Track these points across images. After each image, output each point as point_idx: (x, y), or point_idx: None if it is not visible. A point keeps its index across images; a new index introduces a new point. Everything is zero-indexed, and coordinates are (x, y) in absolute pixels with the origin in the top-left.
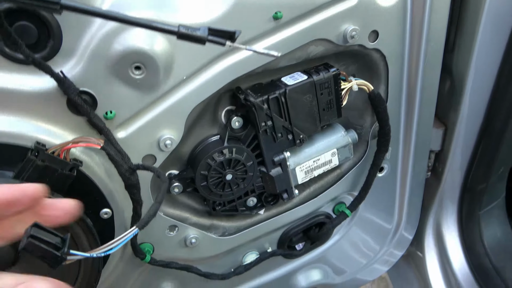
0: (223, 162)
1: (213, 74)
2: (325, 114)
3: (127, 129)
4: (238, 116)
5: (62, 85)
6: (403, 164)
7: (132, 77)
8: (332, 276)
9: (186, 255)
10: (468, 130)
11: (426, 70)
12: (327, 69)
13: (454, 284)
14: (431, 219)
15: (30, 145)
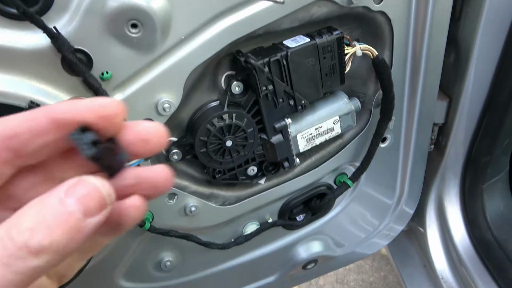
0: (223, 127)
1: (213, 34)
2: (327, 79)
3: (124, 91)
4: (238, 80)
5: (55, 41)
6: (406, 134)
7: (129, 35)
8: (332, 248)
9: (185, 224)
10: (473, 102)
11: (432, 36)
12: (331, 32)
13: (455, 257)
14: (433, 194)
15: (24, 105)
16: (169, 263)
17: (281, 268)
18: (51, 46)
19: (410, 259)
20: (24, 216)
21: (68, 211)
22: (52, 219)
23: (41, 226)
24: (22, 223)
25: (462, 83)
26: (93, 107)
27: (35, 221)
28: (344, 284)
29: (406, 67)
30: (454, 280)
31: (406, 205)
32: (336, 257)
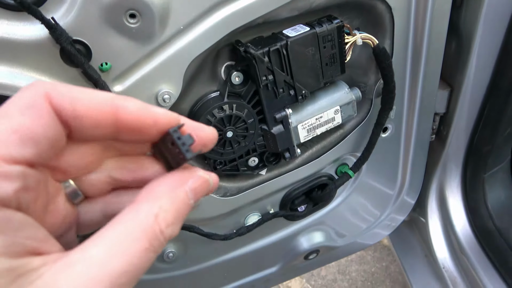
0: (223, 118)
1: (212, 24)
2: (328, 69)
3: (123, 82)
4: (238, 71)
5: (53, 32)
6: (407, 124)
7: (127, 25)
8: (334, 239)
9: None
10: (475, 91)
11: (433, 24)
12: (331, 21)
13: (457, 246)
14: (434, 183)
15: None
16: (172, 254)
17: (283, 259)
18: (49, 37)
19: (411, 249)
20: (163, 205)
21: (189, 203)
22: (182, 210)
23: (176, 219)
24: (163, 211)
25: (464, 72)
26: (158, 119)
27: (172, 210)
28: (346, 274)
29: (407, 56)
30: (456, 269)
31: (408, 195)
32: (337, 247)
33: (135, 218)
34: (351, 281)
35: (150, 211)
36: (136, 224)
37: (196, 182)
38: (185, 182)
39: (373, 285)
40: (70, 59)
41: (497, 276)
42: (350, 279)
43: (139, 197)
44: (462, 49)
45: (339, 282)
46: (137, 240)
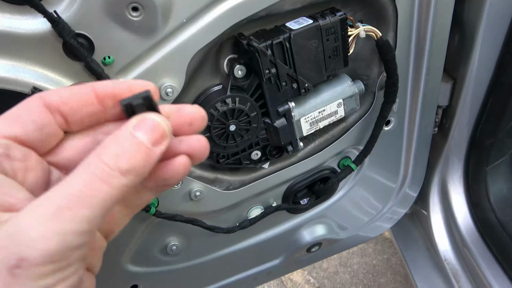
0: (226, 112)
1: (214, 17)
2: (331, 62)
3: (126, 76)
4: (241, 64)
5: (56, 26)
6: (410, 117)
7: (130, 19)
8: (336, 231)
9: (191, 209)
10: (478, 84)
11: (437, 16)
12: (334, 13)
13: (459, 239)
14: (437, 176)
15: (27, 91)
16: (175, 247)
17: (285, 251)
18: (52, 31)
19: (413, 242)
20: (107, 147)
21: (139, 141)
22: (129, 148)
23: (123, 153)
24: (108, 151)
25: (467, 64)
26: (132, 86)
27: (118, 150)
28: (347, 267)
29: (411, 49)
30: (457, 262)
31: (410, 188)
32: (340, 240)
33: (84, 164)
34: (353, 273)
35: (95, 153)
36: (85, 168)
37: (144, 124)
38: (130, 126)
39: (375, 277)
40: (73, 53)
41: (499, 268)
42: (351, 271)
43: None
44: (466, 41)
45: (340, 275)
46: (91, 182)
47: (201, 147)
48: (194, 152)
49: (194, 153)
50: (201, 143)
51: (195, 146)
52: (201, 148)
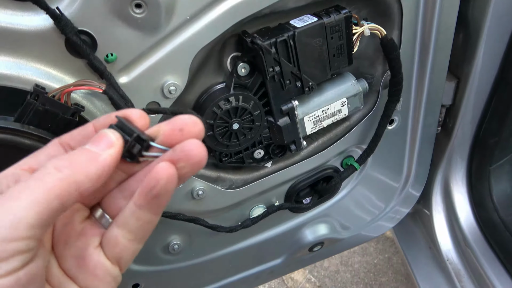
0: (229, 110)
1: (218, 14)
2: (335, 60)
3: (129, 74)
4: (244, 62)
5: (58, 23)
6: (414, 116)
7: (133, 15)
8: (338, 231)
9: (193, 208)
10: (482, 83)
11: (442, 14)
12: (338, 11)
13: (461, 239)
14: (439, 176)
15: (29, 88)
16: (177, 246)
17: (287, 251)
18: (54, 28)
19: (415, 241)
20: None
21: (84, 147)
22: (74, 153)
23: (65, 157)
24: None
25: (471, 63)
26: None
27: (63, 157)
28: (348, 266)
29: (415, 47)
30: (460, 262)
31: (413, 188)
32: (342, 239)
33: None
34: (354, 272)
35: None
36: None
37: (95, 138)
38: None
39: (376, 276)
40: (75, 50)
41: (502, 269)
42: (352, 270)
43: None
44: (470, 40)
45: (341, 274)
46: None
47: (191, 149)
48: (184, 156)
49: (184, 157)
50: (190, 146)
51: (183, 150)
52: (191, 150)
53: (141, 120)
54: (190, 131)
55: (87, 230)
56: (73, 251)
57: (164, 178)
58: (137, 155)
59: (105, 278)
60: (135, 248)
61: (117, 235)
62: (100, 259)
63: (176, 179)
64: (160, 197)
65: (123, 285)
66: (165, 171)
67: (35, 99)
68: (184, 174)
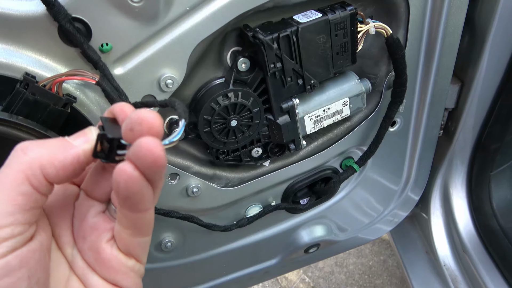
0: (228, 106)
1: (219, 6)
2: (338, 58)
3: (125, 65)
4: (245, 57)
5: (51, 9)
6: (416, 119)
7: (130, 4)
8: (335, 233)
9: (188, 205)
10: (486, 87)
11: (450, 15)
12: (344, 7)
13: (459, 244)
14: (439, 180)
15: (18, 77)
16: (170, 244)
17: (283, 251)
18: (47, 14)
19: (412, 245)
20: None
21: (58, 138)
22: (46, 139)
23: (35, 141)
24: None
25: (476, 67)
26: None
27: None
28: (343, 267)
29: (421, 48)
30: (457, 268)
31: (412, 192)
32: (338, 241)
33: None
34: (348, 274)
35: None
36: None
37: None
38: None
39: (370, 278)
40: (69, 38)
41: (500, 276)
42: (347, 272)
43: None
44: (476, 43)
45: (336, 275)
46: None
47: (141, 150)
48: (137, 157)
49: (138, 157)
50: (141, 146)
51: (135, 150)
52: (141, 151)
53: (122, 114)
54: (139, 130)
55: (99, 225)
56: (89, 245)
57: (123, 181)
58: (112, 155)
59: (121, 270)
60: (140, 241)
61: (119, 230)
62: (113, 252)
63: (138, 179)
64: (130, 198)
65: None
66: (123, 173)
67: (25, 88)
68: (147, 174)
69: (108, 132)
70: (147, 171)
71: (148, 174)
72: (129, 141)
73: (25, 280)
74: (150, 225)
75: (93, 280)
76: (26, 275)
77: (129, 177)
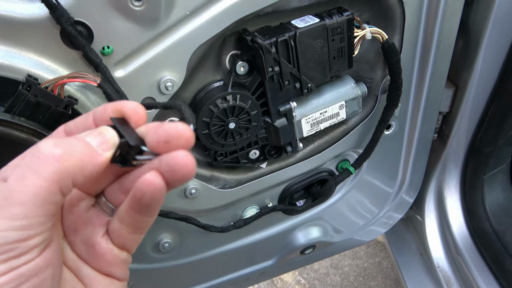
0: (226, 109)
1: (219, 11)
2: (335, 63)
3: (125, 68)
4: (243, 60)
5: (54, 12)
6: (411, 122)
7: (132, 8)
8: (331, 234)
9: (185, 206)
10: (480, 91)
11: (444, 21)
12: (341, 13)
13: (453, 247)
14: (433, 183)
15: (21, 79)
16: (168, 245)
17: (279, 253)
18: (50, 17)
19: (406, 247)
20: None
21: (85, 140)
22: (71, 142)
23: (62, 144)
24: (48, 142)
25: (470, 71)
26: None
27: (58, 142)
28: (338, 269)
29: (416, 53)
30: (450, 269)
31: (406, 194)
32: (334, 243)
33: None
34: (343, 276)
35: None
36: (21, 160)
37: (90, 131)
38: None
39: (365, 280)
40: (71, 41)
41: (492, 278)
42: (342, 274)
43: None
44: (470, 48)
45: (331, 276)
46: (22, 176)
47: (178, 164)
48: (170, 170)
49: (171, 171)
50: (178, 160)
51: (170, 163)
52: (178, 164)
53: (135, 115)
54: (176, 144)
55: (94, 219)
56: (82, 239)
57: (150, 191)
58: (130, 160)
59: (115, 262)
60: (137, 237)
61: (118, 227)
62: (108, 246)
63: (163, 190)
64: (150, 206)
65: None
66: (151, 184)
67: (27, 90)
68: (172, 184)
69: (126, 136)
70: (176, 182)
71: (174, 185)
72: (160, 152)
73: (50, 279)
74: (149, 226)
75: (86, 271)
76: (50, 274)
77: (157, 188)
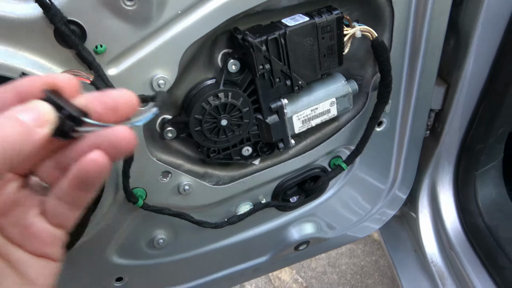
0: (218, 106)
1: (210, 10)
2: (325, 60)
3: (118, 66)
4: (235, 59)
5: (47, 12)
6: (402, 119)
7: (124, 8)
8: (324, 230)
9: (179, 203)
10: (471, 89)
11: (433, 19)
12: (330, 11)
13: (446, 242)
14: (426, 179)
15: (15, 77)
16: (162, 241)
17: (273, 249)
18: (43, 17)
19: (401, 244)
20: None
21: (19, 119)
22: (5, 121)
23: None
24: None
25: (461, 69)
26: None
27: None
28: (335, 267)
29: (405, 50)
30: (444, 265)
31: (399, 190)
32: (327, 239)
33: None
34: (341, 274)
35: None
36: None
37: (25, 106)
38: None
39: (362, 278)
40: (64, 40)
41: (485, 273)
42: (339, 272)
43: None
44: (460, 46)
45: (328, 275)
46: None
47: (120, 140)
48: (112, 145)
49: (112, 146)
50: (120, 135)
51: (111, 139)
52: (120, 140)
53: (70, 87)
54: (125, 112)
55: (24, 200)
56: (14, 221)
57: (94, 170)
58: (69, 132)
59: (51, 241)
60: (76, 213)
61: (57, 206)
62: (44, 226)
63: (108, 167)
64: (94, 183)
65: (107, 278)
66: (97, 162)
67: None
68: (113, 159)
69: (67, 108)
70: (116, 158)
71: (114, 160)
72: (106, 121)
73: None
74: (91, 200)
75: (17, 255)
76: None
77: (102, 167)
